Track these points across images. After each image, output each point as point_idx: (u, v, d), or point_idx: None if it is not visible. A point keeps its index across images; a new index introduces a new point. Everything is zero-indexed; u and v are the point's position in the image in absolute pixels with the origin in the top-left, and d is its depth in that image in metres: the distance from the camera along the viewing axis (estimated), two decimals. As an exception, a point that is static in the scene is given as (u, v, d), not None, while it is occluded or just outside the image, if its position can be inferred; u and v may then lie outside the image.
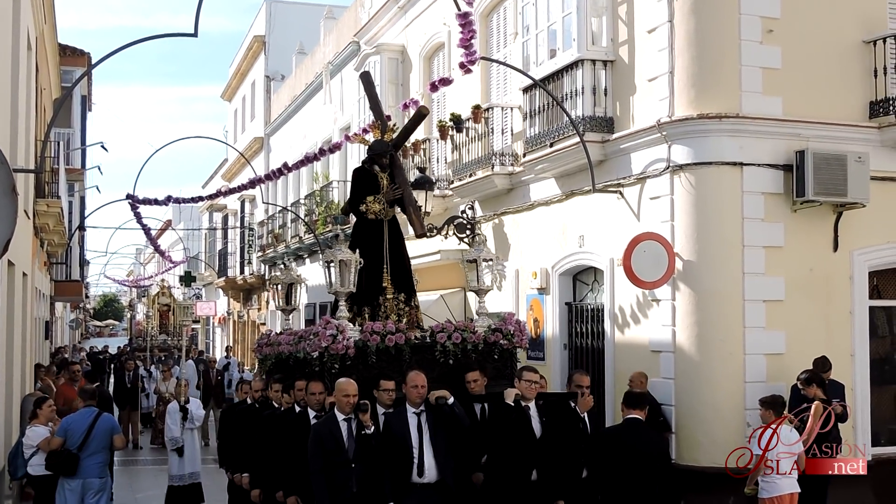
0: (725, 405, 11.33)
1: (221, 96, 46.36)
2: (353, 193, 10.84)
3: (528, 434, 8.72)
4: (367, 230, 10.54)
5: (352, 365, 9.30)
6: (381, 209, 10.53)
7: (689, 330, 11.57)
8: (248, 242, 37.81)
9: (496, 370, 9.92)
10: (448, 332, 9.80)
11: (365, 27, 23.05)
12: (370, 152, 10.87)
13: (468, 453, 8.83)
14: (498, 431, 8.72)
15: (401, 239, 10.80)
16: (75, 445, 10.54)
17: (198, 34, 10.97)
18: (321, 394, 9.11)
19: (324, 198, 26.25)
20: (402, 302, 10.44)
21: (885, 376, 12.57)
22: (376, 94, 12.12)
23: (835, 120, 11.79)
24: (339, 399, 8.42)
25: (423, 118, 11.45)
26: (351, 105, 24.00)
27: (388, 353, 9.48)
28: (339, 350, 9.25)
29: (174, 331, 35.73)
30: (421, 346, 9.75)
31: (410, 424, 8.49)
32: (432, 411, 8.61)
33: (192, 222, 55.21)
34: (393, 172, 10.81)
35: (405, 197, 10.80)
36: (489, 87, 16.98)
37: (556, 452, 8.75)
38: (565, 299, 14.34)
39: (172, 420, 14.25)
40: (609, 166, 12.92)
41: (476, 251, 10.78)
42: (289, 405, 9.89)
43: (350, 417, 8.36)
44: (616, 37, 12.97)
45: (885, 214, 11.98)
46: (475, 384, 9.39)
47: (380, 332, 9.51)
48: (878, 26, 12.09)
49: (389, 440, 8.40)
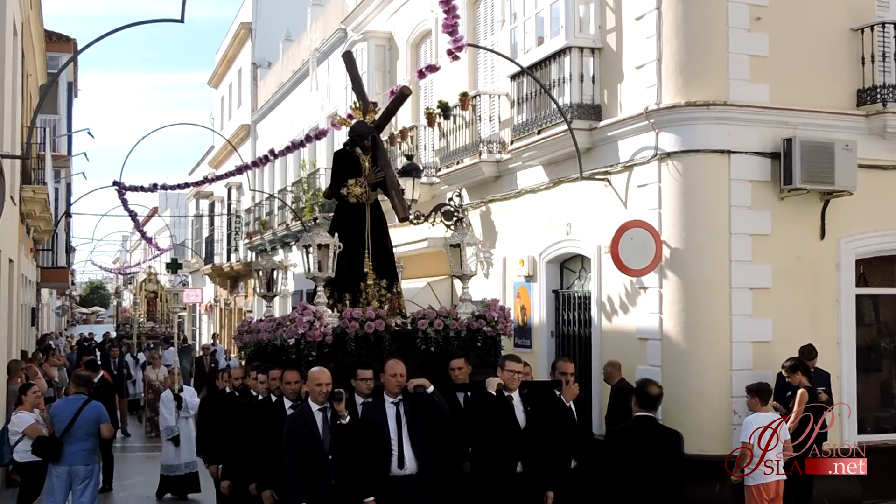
0: (712, 393, 11.37)
1: (208, 83, 46.16)
2: (334, 176, 10.56)
3: (511, 425, 8.45)
4: (348, 214, 10.24)
5: (329, 353, 9.01)
6: (363, 192, 10.25)
7: (676, 317, 11.60)
8: (235, 229, 37.70)
9: (480, 358, 9.61)
10: (430, 319, 9.49)
11: (352, 14, 22.95)
12: (352, 134, 10.57)
13: (451, 443, 8.56)
14: (480, 422, 8.45)
15: (383, 223, 10.52)
16: (60, 431, 10.52)
17: (184, 20, 10.93)
18: (297, 383, 8.79)
19: (311, 185, 26.18)
20: (383, 288, 10.15)
21: (871, 364, 12.63)
22: (359, 74, 11.83)
23: (822, 108, 11.81)
24: (312, 389, 8.17)
25: (405, 98, 11.28)
26: (338, 92, 23.92)
27: (367, 341, 9.18)
28: (317, 337, 8.98)
29: (162, 318, 35.53)
30: (401, 334, 9.46)
31: (388, 415, 8.24)
32: (411, 401, 8.35)
33: (178, 209, 54.96)
34: (375, 155, 10.52)
35: (388, 180, 10.52)
36: (476, 75, 16.94)
37: (542, 443, 8.54)
38: (552, 287, 14.35)
39: (167, 409, 14.07)
40: (596, 154, 12.92)
41: (459, 235, 10.43)
42: (266, 394, 9.55)
43: (325, 407, 8.09)
44: (604, 24, 12.95)
45: (872, 202, 12.02)
46: (459, 372, 9.11)
47: (359, 318, 9.20)
48: (865, 14, 12.10)
49: (367, 431, 8.14)
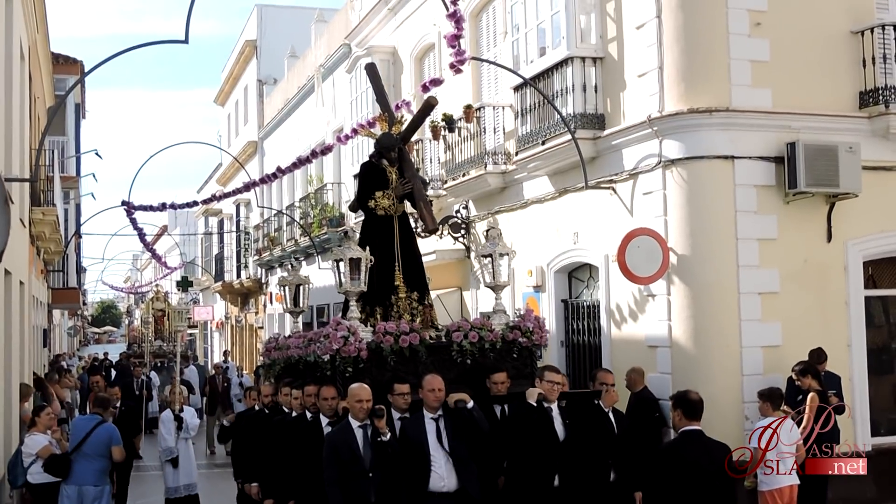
0: (723, 399, 11.35)
1: (215, 101, 46.38)
2: (360, 189, 10.41)
3: (550, 437, 8.27)
4: (376, 227, 10.15)
5: (365, 368, 8.90)
6: (391, 205, 10.16)
7: (685, 324, 11.60)
8: (244, 246, 37.82)
9: (516, 369, 9.46)
10: (464, 331, 9.37)
11: (356, 29, 23.07)
12: (378, 146, 10.44)
13: (489, 458, 8.38)
14: (518, 434, 8.28)
15: (412, 235, 10.46)
16: (70, 448, 10.63)
17: (188, 41, 11.01)
18: (333, 399, 8.72)
19: (318, 200, 26.27)
20: (415, 300, 10.06)
21: (882, 366, 12.59)
22: (382, 86, 11.67)
23: (825, 111, 11.81)
24: (353, 405, 8.05)
25: (431, 109, 10.98)
26: (343, 107, 24.02)
27: (402, 355, 9.07)
28: (352, 352, 8.85)
29: (168, 336, 35.57)
30: (436, 347, 9.34)
31: (428, 430, 8.08)
32: (451, 416, 8.16)
33: (187, 227, 55.20)
34: (402, 166, 10.40)
35: (415, 191, 10.37)
36: (480, 87, 17.00)
37: (581, 456, 8.34)
38: (561, 296, 14.37)
39: (166, 429, 13.68)
40: (601, 163, 12.95)
41: (491, 245, 10.27)
42: (300, 410, 9.44)
43: (365, 424, 7.99)
44: (605, 34, 13.00)
45: (877, 204, 12.00)
46: (502, 386, 8.97)
47: (393, 332, 9.10)
48: (865, 16, 12.12)
49: (406, 447, 7.99)
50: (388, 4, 20.63)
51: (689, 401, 7.96)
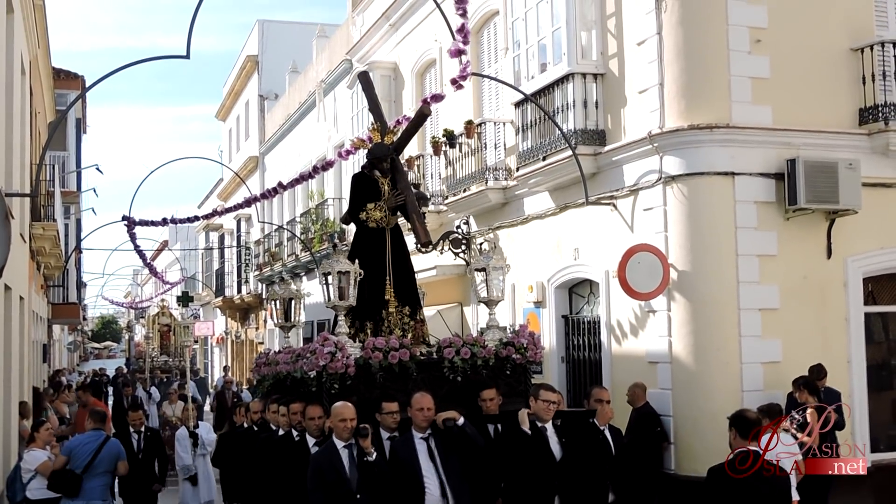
0: (723, 415, 11.21)
1: (216, 116, 46.50)
2: (352, 200, 10.15)
3: (546, 457, 8.03)
4: (367, 239, 9.88)
5: (352, 385, 8.62)
6: (383, 217, 9.90)
7: (686, 340, 11.60)
8: (245, 261, 37.84)
9: (509, 387, 9.20)
10: (456, 347, 9.09)
11: (357, 45, 23.15)
12: (370, 156, 10.17)
13: (485, 477, 8.11)
14: (513, 455, 8.01)
15: (404, 248, 10.14)
16: (80, 467, 10.55)
17: (190, 56, 11.05)
18: (320, 418, 8.40)
19: (319, 215, 26.31)
20: (406, 315, 9.79)
21: (882, 382, 12.59)
22: (375, 94, 11.39)
23: (825, 127, 11.85)
24: (336, 424, 7.80)
25: (425, 118, 10.78)
26: (345, 122, 24.09)
27: (391, 371, 8.77)
28: (339, 369, 8.56)
29: (175, 351, 35.46)
30: (427, 363, 9.03)
31: (419, 450, 7.82)
32: (441, 435, 7.91)
33: (188, 242, 55.26)
34: (395, 177, 10.14)
35: (408, 203, 10.09)
36: (481, 103, 17.05)
37: (579, 475, 8.11)
38: (562, 312, 14.37)
39: (182, 447, 13.64)
40: (602, 179, 12.97)
41: (485, 259, 9.94)
42: (287, 428, 9.17)
43: (350, 444, 7.72)
44: (606, 50, 13.04)
45: (877, 220, 12.02)
46: (491, 403, 8.71)
47: (382, 348, 8.78)
48: (865, 34, 12.17)
49: (397, 469, 7.72)
50: (390, 20, 20.71)
51: (746, 419, 7.26)
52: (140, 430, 12.32)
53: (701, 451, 11.27)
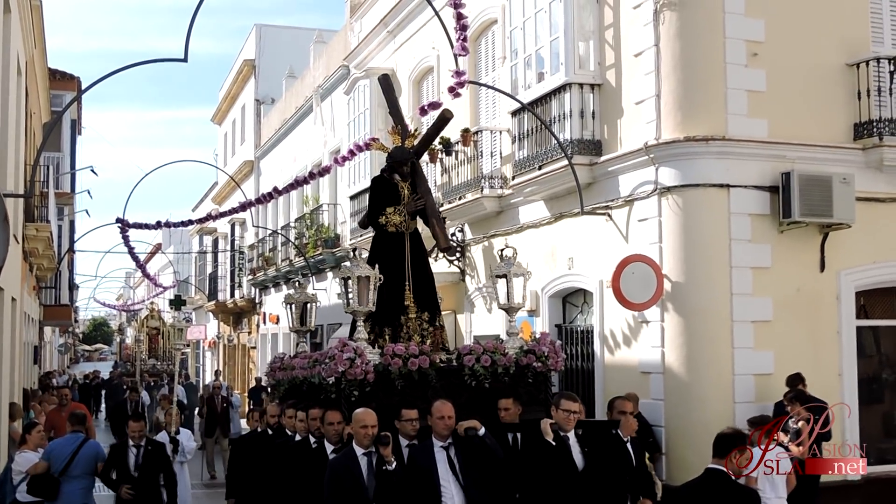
0: (715, 425, 11.22)
1: (211, 120, 46.48)
2: (371, 204, 10.04)
3: (569, 467, 7.81)
4: (386, 244, 9.79)
5: (371, 391, 8.50)
6: (402, 221, 9.80)
7: (678, 351, 11.62)
8: (239, 266, 37.81)
9: (529, 395, 9.06)
10: (476, 355, 8.97)
11: (354, 51, 23.17)
12: (390, 160, 10.11)
13: (502, 488, 7.94)
14: (534, 465, 7.83)
15: (423, 253, 10.08)
16: (58, 470, 10.50)
17: (188, 59, 11.04)
18: (339, 424, 8.27)
19: (314, 221, 26.30)
20: (425, 322, 9.70)
21: (872, 395, 12.63)
22: (396, 97, 11.32)
23: (819, 142, 11.90)
24: (357, 431, 7.66)
25: (446, 123, 10.58)
26: (341, 128, 24.10)
27: (411, 378, 8.64)
28: (358, 375, 8.45)
29: (164, 355, 35.32)
30: (447, 370, 8.92)
31: (438, 459, 7.70)
32: (462, 444, 7.76)
33: (182, 246, 55.16)
34: (414, 181, 10.07)
35: (428, 208, 10.05)
36: (478, 111, 17.08)
37: (601, 486, 7.89)
38: (555, 321, 14.39)
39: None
40: (597, 189, 13.00)
41: (506, 266, 9.83)
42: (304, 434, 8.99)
43: (370, 452, 7.60)
44: (603, 60, 13.08)
45: (870, 235, 12.07)
46: (507, 413, 8.61)
47: (402, 354, 8.68)
48: (860, 49, 12.23)
49: (414, 476, 7.58)
50: (388, 27, 20.74)
51: (720, 436, 7.03)
52: (140, 444, 10.78)
53: (693, 461, 11.25)
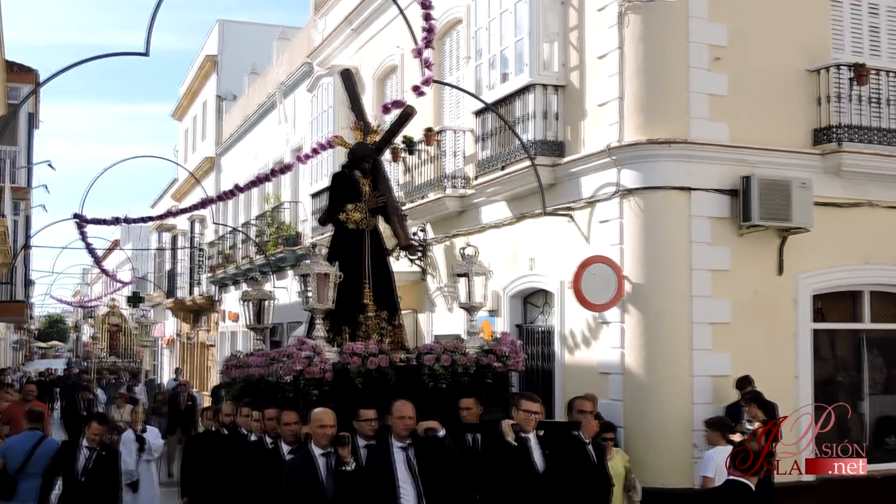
0: (673, 426, 11.45)
1: (172, 116, 46.10)
2: (331, 200, 9.97)
3: (529, 469, 7.74)
4: (346, 241, 9.72)
5: (330, 391, 8.38)
6: (363, 218, 9.77)
7: (638, 352, 11.69)
8: (198, 263, 37.53)
9: (489, 396, 8.96)
10: (436, 354, 8.89)
11: (318, 49, 23.09)
12: (351, 156, 10.01)
13: (461, 491, 7.86)
14: (494, 467, 7.75)
15: (383, 251, 10.06)
16: (14, 468, 10.35)
17: (149, 53, 10.93)
18: (296, 424, 8.16)
19: (275, 219, 26.17)
20: (384, 320, 9.68)
21: (827, 398, 12.74)
22: (358, 93, 11.24)
23: (779, 146, 12.02)
24: (315, 431, 7.58)
25: (409, 118, 10.59)
26: (303, 126, 23.99)
27: (369, 378, 8.55)
28: (316, 374, 8.36)
29: (125, 352, 34.88)
30: (406, 370, 8.86)
31: (397, 460, 7.59)
32: (421, 445, 7.66)
33: (140, 242, 54.64)
34: (376, 178, 10.03)
35: (389, 205, 10.05)
36: (441, 110, 17.08)
37: (563, 488, 7.84)
38: (516, 321, 14.42)
39: (127, 451, 12.77)
40: (559, 190, 13.05)
41: (467, 265, 9.79)
42: (260, 434, 8.84)
43: (328, 452, 7.50)
44: (567, 62, 13.13)
45: (828, 239, 12.21)
46: (468, 412, 8.50)
47: (361, 353, 8.59)
48: (821, 56, 12.37)
49: (372, 477, 7.49)
50: (352, 25, 20.68)
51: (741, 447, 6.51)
52: (94, 448, 10.11)
53: (651, 461, 11.37)
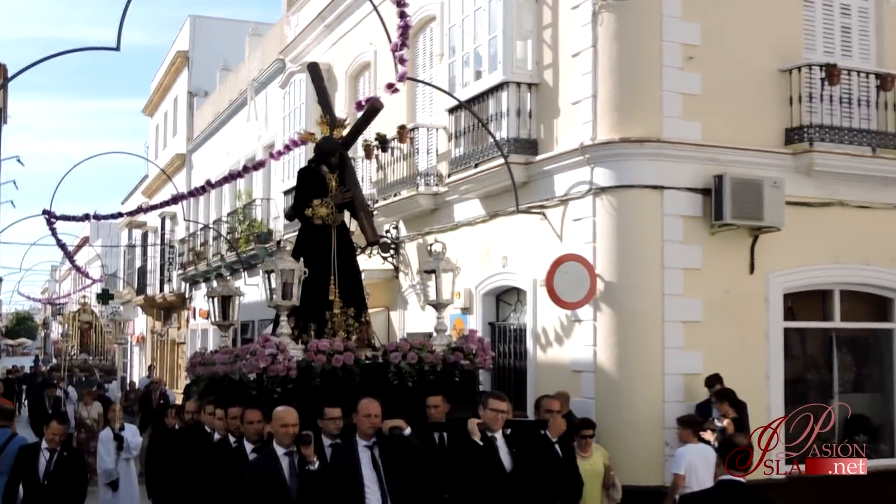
0: (645, 424, 11.48)
1: (143, 111, 45.78)
2: (297, 196, 9.86)
3: (496, 468, 7.64)
4: (312, 237, 9.63)
5: (294, 389, 8.30)
6: (329, 214, 9.67)
7: (610, 350, 11.71)
8: (169, 260, 37.28)
9: (457, 394, 8.89)
10: (403, 352, 8.83)
11: (290, 45, 22.98)
12: (317, 150, 9.96)
13: (427, 490, 7.76)
14: (461, 466, 7.64)
15: (351, 247, 9.95)
16: None
17: (120, 48, 10.83)
18: (259, 422, 8.03)
19: (246, 216, 26.03)
20: (351, 317, 9.58)
21: (798, 396, 12.83)
22: (325, 86, 11.02)
23: (752, 146, 12.08)
24: (277, 430, 7.48)
25: (376, 112, 10.48)
26: (276, 123, 23.87)
27: (335, 376, 8.45)
28: (280, 371, 8.25)
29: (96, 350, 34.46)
30: (372, 368, 8.77)
31: (362, 459, 7.50)
32: (387, 444, 7.57)
33: (110, 239, 54.16)
34: (343, 173, 9.90)
35: (356, 201, 9.93)
36: (415, 108, 17.04)
37: (530, 488, 7.77)
38: (488, 319, 14.41)
39: (106, 450, 12.71)
40: (532, 188, 13.05)
41: (435, 261, 9.75)
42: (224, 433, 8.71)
43: (291, 451, 7.42)
44: (541, 60, 13.13)
45: (799, 238, 12.28)
46: (436, 410, 8.42)
47: (326, 351, 8.50)
48: (793, 56, 12.44)
49: (337, 477, 7.40)
50: (325, 21, 20.59)
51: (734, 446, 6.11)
52: (55, 449, 9.72)
53: (623, 459, 11.36)
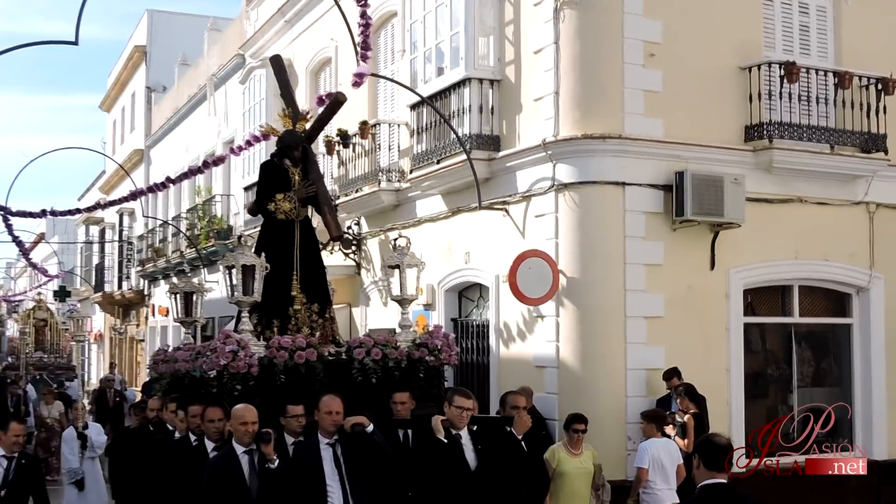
0: (607, 419, 11.52)
1: (100, 107, 45.24)
2: (260, 190, 9.75)
3: (461, 466, 7.58)
4: (275, 232, 9.54)
5: (255, 386, 8.22)
6: (292, 208, 9.59)
7: (573, 345, 11.76)
8: (127, 257, 36.90)
9: (422, 390, 8.83)
10: (367, 348, 8.75)
11: (250, 40, 22.81)
12: (280, 144, 9.85)
13: (391, 487, 7.68)
14: (425, 464, 7.59)
15: (314, 242, 9.91)
16: None
17: (78, 42, 10.69)
18: (220, 421, 7.91)
19: (206, 212, 25.82)
20: (314, 313, 9.52)
21: (757, 390, 12.99)
22: (287, 79, 11.06)
23: (712, 142, 12.17)
24: (237, 428, 7.38)
25: (340, 105, 10.37)
26: (235, 118, 23.70)
27: (297, 372, 8.37)
28: (241, 368, 8.16)
29: (52, 348, 33.94)
30: (335, 364, 8.68)
31: (324, 457, 7.41)
32: (349, 442, 7.49)
33: (66, 235, 53.56)
34: (306, 167, 9.83)
35: (319, 195, 9.84)
36: (376, 103, 16.98)
37: (495, 485, 7.69)
38: (451, 315, 14.41)
39: (70, 449, 12.59)
40: (495, 184, 13.06)
41: (399, 256, 9.70)
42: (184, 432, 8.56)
43: (251, 449, 7.33)
44: (503, 57, 13.14)
45: (759, 234, 12.40)
46: (402, 407, 8.33)
47: (288, 347, 8.42)
48: (753, 54, 12.54)
49: (299, 475, 7.32)
50: (285, 16, 20.46)
51: (714, 445, 5.68)
52: (12, 456, 8.93)
53: (585, 455, 11.45)
